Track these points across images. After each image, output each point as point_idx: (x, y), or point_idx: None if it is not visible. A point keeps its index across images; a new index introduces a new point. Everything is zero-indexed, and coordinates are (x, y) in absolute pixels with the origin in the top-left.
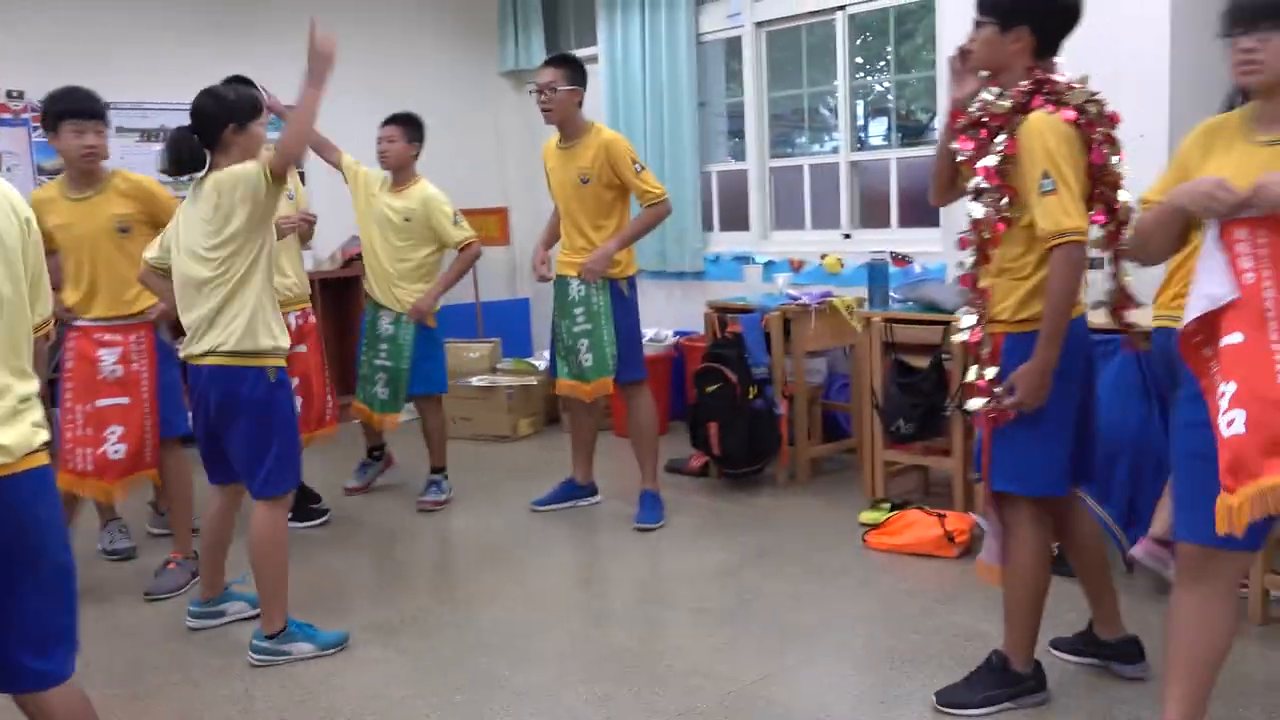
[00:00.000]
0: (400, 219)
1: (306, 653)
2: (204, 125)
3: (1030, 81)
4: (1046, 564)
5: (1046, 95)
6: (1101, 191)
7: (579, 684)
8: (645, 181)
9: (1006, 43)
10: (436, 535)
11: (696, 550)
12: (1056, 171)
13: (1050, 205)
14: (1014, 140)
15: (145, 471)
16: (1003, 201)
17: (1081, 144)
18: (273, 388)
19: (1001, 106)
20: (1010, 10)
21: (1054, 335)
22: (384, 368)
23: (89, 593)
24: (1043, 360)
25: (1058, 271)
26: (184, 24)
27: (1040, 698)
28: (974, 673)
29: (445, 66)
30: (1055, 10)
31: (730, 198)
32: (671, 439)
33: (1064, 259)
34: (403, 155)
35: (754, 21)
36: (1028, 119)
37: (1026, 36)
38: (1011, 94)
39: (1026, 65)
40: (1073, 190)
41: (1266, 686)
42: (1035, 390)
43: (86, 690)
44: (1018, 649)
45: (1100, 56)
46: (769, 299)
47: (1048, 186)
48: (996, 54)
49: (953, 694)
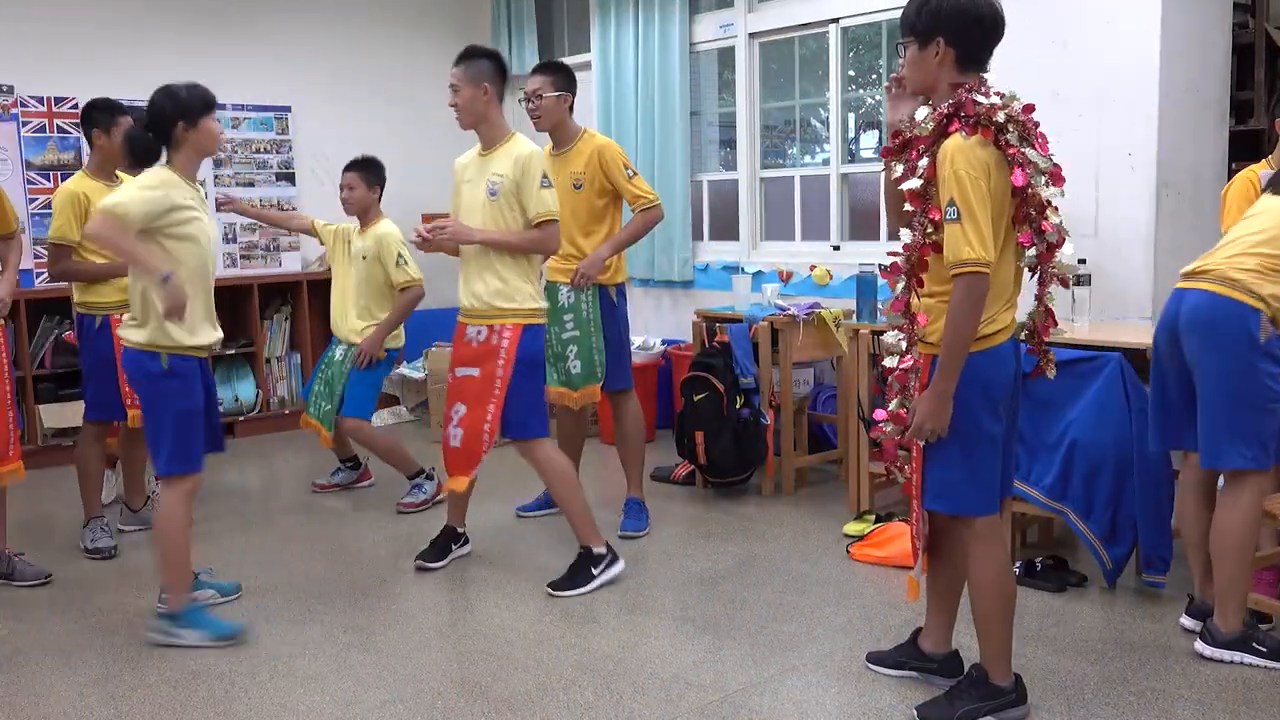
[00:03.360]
0: (360, 257)
1: (196, 640)
2: (157, 122)
3: (950, 103)
4: (1010, 573)
5: (964, 118)
6: (1028, 213)
7: (561, 691)
8: (637, 186)
9: (929, 59)
10: (421, 539)
11: (681, 559)
12: (963, 199)
13: (953, 234)
14: (933, 164)
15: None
16: (928, 227)
17: (999, 166)
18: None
19: (924, 129)
20: (926, 26)
21: (952, 364)
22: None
23: (69, 591)
24: (941, 389)
25: (955, 301)
26: (176, 19)
27: (1020, 711)
28: (954, 687)
29: (438, 71)
30: (970, 20)
31: (721, 207)
32: (658, 447)
33: (963, 289)
34: (364, 200)
35: (747, 33)
36: (944, 143)
37: (944, 48)
38: (933, 116)
39: (951, 82)
40: (977, 220)
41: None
42: (935, 415)
43: (64, 689)
44: (995, 662)
45: (1088, 75)
46: (757, 309)
47: (951, 215)
48: (922, 72)
49: (934, 709)
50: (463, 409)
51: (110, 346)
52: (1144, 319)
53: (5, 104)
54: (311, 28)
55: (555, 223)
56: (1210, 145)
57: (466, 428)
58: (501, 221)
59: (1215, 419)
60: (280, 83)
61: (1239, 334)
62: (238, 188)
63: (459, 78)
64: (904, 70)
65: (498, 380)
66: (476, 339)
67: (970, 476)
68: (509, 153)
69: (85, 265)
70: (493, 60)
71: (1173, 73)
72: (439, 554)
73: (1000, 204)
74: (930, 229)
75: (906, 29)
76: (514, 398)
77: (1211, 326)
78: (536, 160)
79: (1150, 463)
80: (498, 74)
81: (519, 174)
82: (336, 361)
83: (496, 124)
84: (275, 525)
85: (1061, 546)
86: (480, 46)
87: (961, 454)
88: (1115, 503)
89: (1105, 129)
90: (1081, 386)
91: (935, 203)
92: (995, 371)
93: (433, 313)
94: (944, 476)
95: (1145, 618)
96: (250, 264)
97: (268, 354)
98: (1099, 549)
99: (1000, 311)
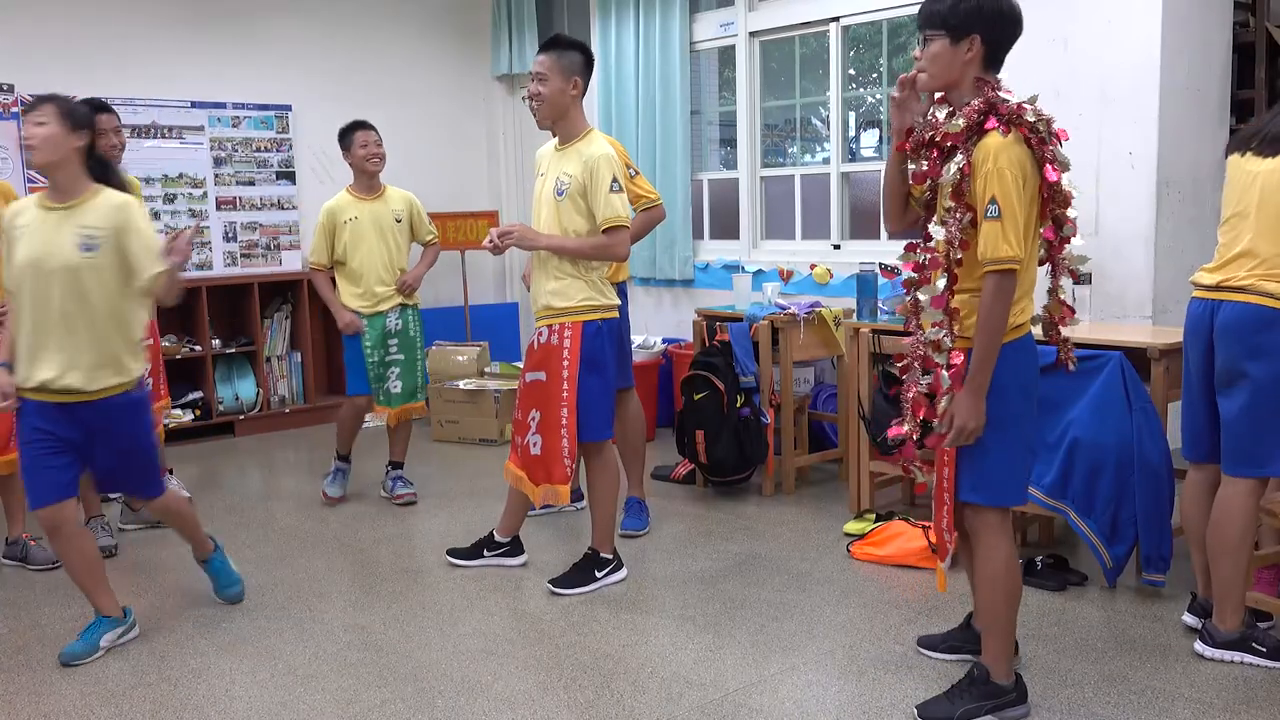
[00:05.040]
0: (395, 220)
1: (113, 641)
2: None
3: (983, 101)
4: (1018, 571)
5: (1000, 116)
6: (1053, 209)
7: (561, 690)
8: (640, 186)
9: (959, 54)
10: (420, 538)
11: (681, 557)
12: (1004, 197)
13: (991, 232)
14: (969, 161)
15: (6, 455)
16: (965, 220)
17: (1034, 164)
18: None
19: (956, 126)
20: (961, 20)
21: (986, 359)
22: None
23: (69, 589)
24: (978, 384)
25: (988, 297)
26: (176, 19)
27: (1022, 710)
28: (955, 686)
29: (438, 70)
30: (1004, 19)
31: (721, 206)
32: (658, 446)
33: (995, 286)
34: (384, 160)
35: (748, 31)
36: (983, 141)
37: (978, 46)
38: (964, 114)
39: (975, 79)
40: (1016, 218)
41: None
42: (976, 413)
43: (64, 688)
44: (998, 660)
45: (1089, 74)
46: (758, 308)
47: (993, 213)
48: (948, 68)
49: (934, 708)
50: (538, 415)
51: None
52: (1144, 318)
53: (5, 103)
54: (311, 27)
55: (625, 229)
56: (1211, 144)
57: (544, 434)
58: (568, 222)
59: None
60: (280, 82)
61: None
62: (238, 186)
63: (549, 67)
64: (924, 64)
65: (564, 383)
66: (538, 341)
67: (1008, 466)
68: (580, 152)
69: None
70: (583, 53)
71: (1173, 72)
72: (472, 553)
73: (1032, 202)
74: (968, 225)
75: (938, 23)
76: (580, 397)
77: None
78: (606, 163)
79: (1150, 462)
80: (587, 69)
81: (586, 177)
82: (397, 332)
83: (576, 120)
84: (275, 524)
85: (1062, 545)
86: (569, 36)
87: (1000, 444)
88: (1116, 502)
89: (1106, 128)
90: (1082, 385)
91: (969, 199)
92: (1027, 360)
93: (433, 312)
94: (982, 467)
95: (1145, 617)
96: (250, 263)
97: (268, 353)
98: (1099, 548)
99: (1028, 303)
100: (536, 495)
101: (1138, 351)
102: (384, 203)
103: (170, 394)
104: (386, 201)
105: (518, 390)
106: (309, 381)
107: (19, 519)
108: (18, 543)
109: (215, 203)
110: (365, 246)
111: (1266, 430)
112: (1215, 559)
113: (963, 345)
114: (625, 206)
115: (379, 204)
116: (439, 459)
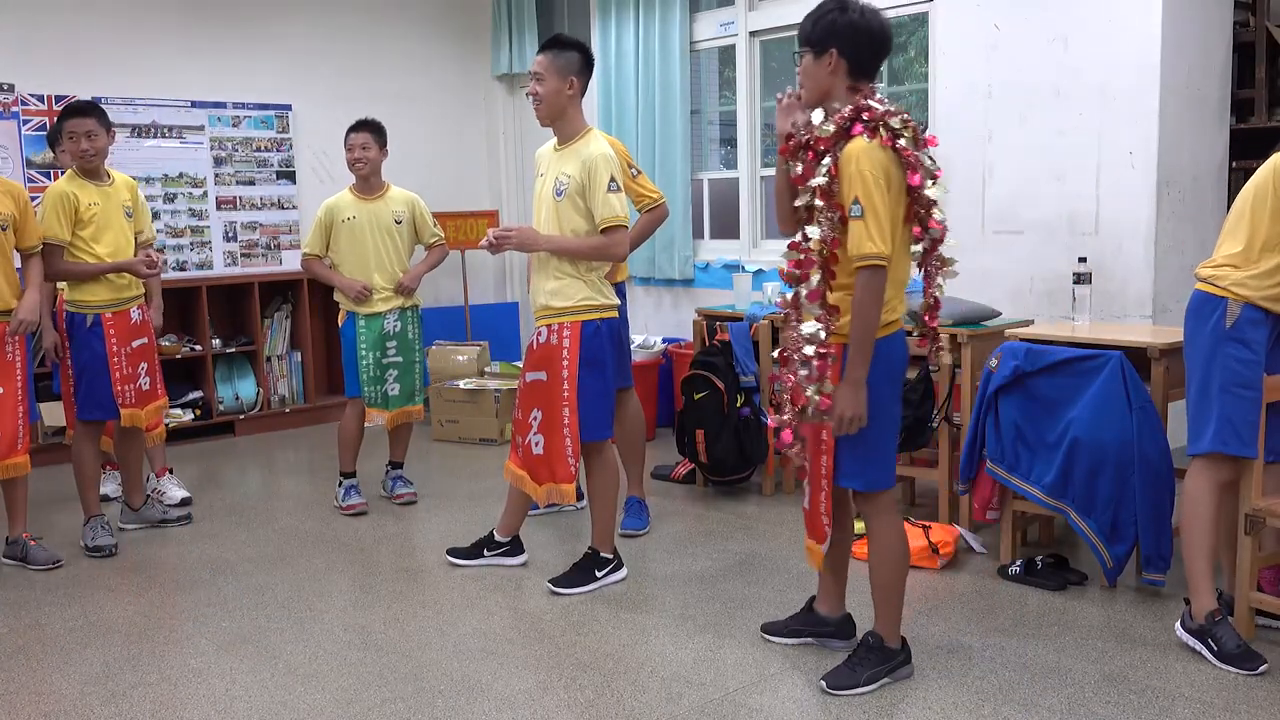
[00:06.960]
0: (395, 221)
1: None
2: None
3: (851, 108)
4: (906, 545)
5: (865, 122)
6: (918, 211)
7: (561, 690)
8: (642, 186)
9: (823, 68)
10: (420, 538)
11: (681, 557)
12: (866, 197)
13: (857, 229)
14: (836, 164)
15: (12, 459)
16: (835, 219)
17: (899, 167)
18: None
19: (826, 130)
20: (820, 37)
21: (863, 352)
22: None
23: (69, 589)
24: (856, 377)
25: (859, 292)
26: (176, 19)
27: (909, 670)
28: (853, 655)
29: (438, 70)
30: (861, 34)
31: (721, 206)
32: (658, 446)
33: (864, 281)
34: (377, 161)
35: (748, 31)
36: (849, 145)
37: (837, 59)
38: (834, 119)
39: (846, 88)
40: (879, 216)
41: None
42: (856, 404)
43: (64, 687)
44: (891, 628)
45: (1089, 73)
46: (758, 307)
47: (856, 212)
48: (816, 80)
49: (839, 677)
50: (540, 415)
51: (103, 344)
52: (1144, 317)
53: (6, 102)
54: (313, 27)
55: (623, 228)
56: (1211, 143)
57: (547, 433)
58: (568, 222)
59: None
60: (280, 82)
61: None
62: (238, 186)
63: (545, 66)
64: (800, 78)
65: (564, 383)
66: (538, 341)
67: (881, 455)
68: (578, 152)
69: (76, 264)
70: (582, 53)
71: (1173, 71)
72: (472, 553)
73: (897, 202)
74: (838, 224)
75: (803, 40)
76: (581, 397)
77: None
78: (604, 163)
79: (1151, 461)
80: (585, 69)
81: (584, 177)
82: (395, 334)
83: (574, 120)
84: (275, 524)
85: (1062, 545)
86: (569, 36)
87: (873, 435)
88: (1116, 501)
89: (1106, 127)
90: (1082, 385)
91: (839, 199)
92: (897, 355)
93: (433, 312)
94: (857, 456)
95: (1145, 616)
96: (250, 262)
97: (268, 352)
98: (1099, 547)
99: (897, 301)
100: (540, 494)
101: (1138, 351)
102: (384, 203)
103: (170, 394)
104: (387, 202)
105: (518, 390)
106: (309, 381)
107: (19, 518)
108: (18, 542)
109: (215, 202)
110: (363, 247)
111: (1197, 409)
112: (1188, 546)
113: (837, 341)
114: (624, 206)
115: (379, 204)
116: (439, 459)
